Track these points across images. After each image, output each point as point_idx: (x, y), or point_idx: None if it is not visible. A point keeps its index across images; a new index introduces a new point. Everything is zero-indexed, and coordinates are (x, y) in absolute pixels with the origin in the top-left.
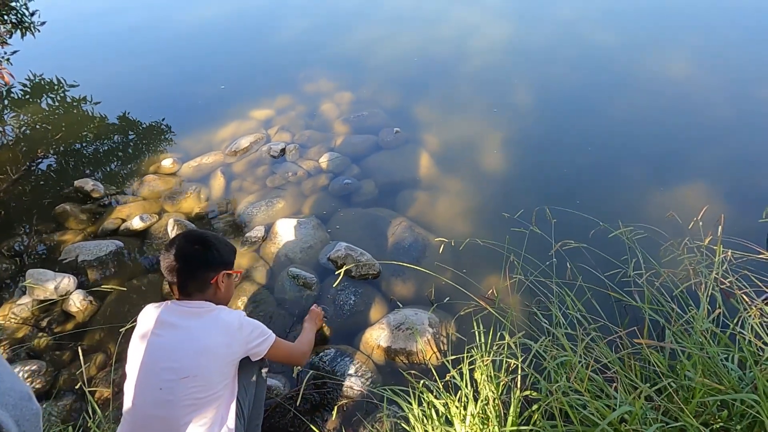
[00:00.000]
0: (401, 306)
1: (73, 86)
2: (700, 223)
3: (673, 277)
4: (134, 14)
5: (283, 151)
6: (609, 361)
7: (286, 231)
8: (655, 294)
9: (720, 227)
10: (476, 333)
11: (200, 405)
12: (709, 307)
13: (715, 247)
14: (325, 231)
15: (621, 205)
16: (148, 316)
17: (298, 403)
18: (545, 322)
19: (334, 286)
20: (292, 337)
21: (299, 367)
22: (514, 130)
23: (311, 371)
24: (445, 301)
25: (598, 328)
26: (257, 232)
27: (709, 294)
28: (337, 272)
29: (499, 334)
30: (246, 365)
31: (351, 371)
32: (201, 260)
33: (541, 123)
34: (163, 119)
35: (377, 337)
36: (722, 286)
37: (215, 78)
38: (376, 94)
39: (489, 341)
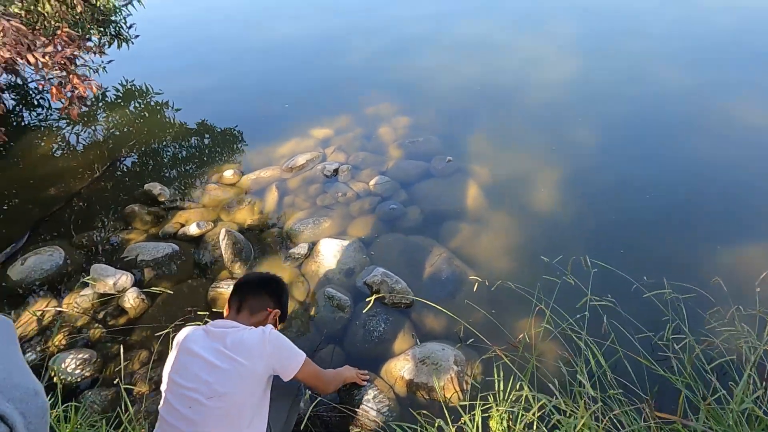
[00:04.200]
0: (429, 340)
1: (158, 93)
2: (758, 289)
3: (719, 346)
4: (216, 29)
5: (336, 171)
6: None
7: (328, 251)
8: (694, 363)
9: None
10: (495, 380)
11: (228, 425)
12: (754, 385)
13: None
14: (366, 254)
15: (670, 261)
16: (183, 337)
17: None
18: (569, 378)
19: (364, 311)
20: (318, 358)
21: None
22: (569, 170)
23: (333, 393)
24: (468, 342)
25: (624, 393)
26: (301, 249)
27: (755, 369)
28: (367, 299)
29: (519, 384)
30: (281, 391)
31: (369, 397)
32: (275, 290)
33: (599, 166)
34: (233, 128)
35: (401, 368)
36: None
37: (282, 95)
38: (433, 121)
39: (508, 390)
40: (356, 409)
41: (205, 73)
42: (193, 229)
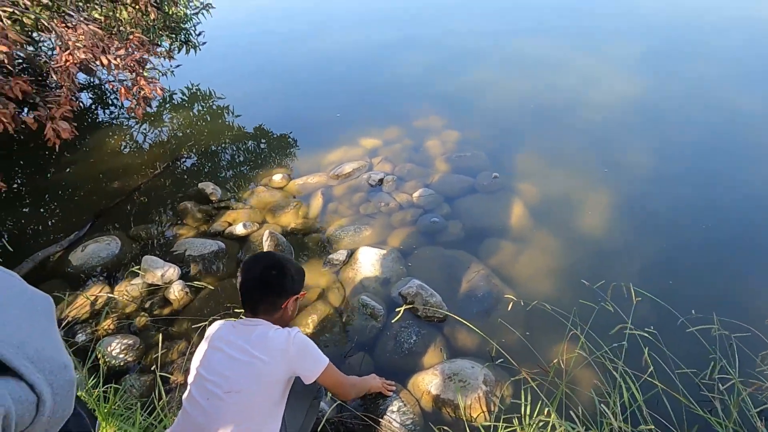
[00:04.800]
0: (459, 356)
1: (220, 98)
2: None
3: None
4: (277, 39)
5: (381, 181)
6: None
7: (366, 259)
8: (740, 406)
9: None
10: (522, 403)
11: (241, 421)
12: None
13: None
14: (404, 265)
15: (722, 296)
16: (213, 330)
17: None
18: (600, 409)
19: (393, 321)
20: (347, 364)
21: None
22: (620, 194)
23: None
24: (498, 361)
25: (658, 431)
26: (340, 255)
27: None
28: (397, 309)
29: (546, 410)
30: (300, 391)
31: (394, 408)
32: (275, 286)
33: (653, 192)
34: (286, 135)
35: (429, 382)
36: None
37: (335, 104)
38: (482, 137)
39: (534, 414)
40: (380, 419)
41: (264, 80)
42: (239, 229)
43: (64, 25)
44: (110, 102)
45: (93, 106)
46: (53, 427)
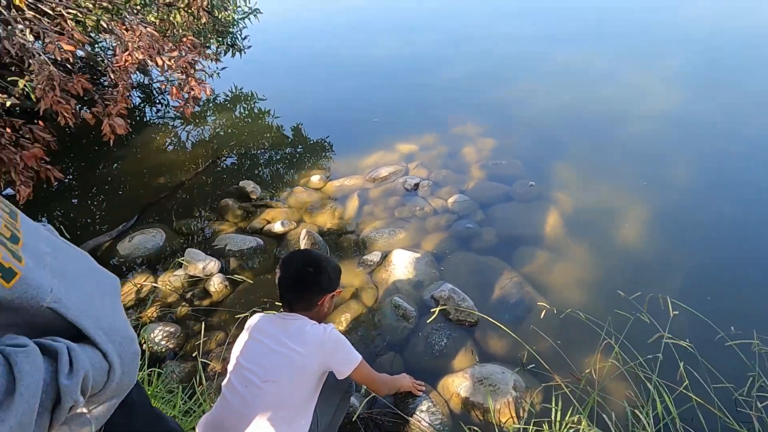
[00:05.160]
0: (489, 361)
1: (261, 100)
2: None
3: None
4: (319, 44)
5: (416, 185)
6: None
7: (400, 261)
8: None
9: None
10: (552, 409)
11: (277, 409)
12: None
13: None
14: (436, 269)
15: (763, 314)
16: (253, 321)
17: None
18: (632, 420)
19: (428, 322)
20: (378, 363)
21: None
22: (660, 207)
23: (385, 398)
24: (529, 367)
25: None
26: (374, 256)
27: None
28: (432, 310)
29: (576, 417)
30: (333, 386)
31: (423, 408)
32: (312, 284)
33: (695, 207)
34: (325, 138)
35: (458, 384)
36: None
37: (374, 109)
38: (519, 145)
39: (565, 421)
40: (409, 417)
41: (305, 83)
42: (277, 227)
43: (123, 27)
44: (157, 101)
45: (141, 105)
46: (120, 394)
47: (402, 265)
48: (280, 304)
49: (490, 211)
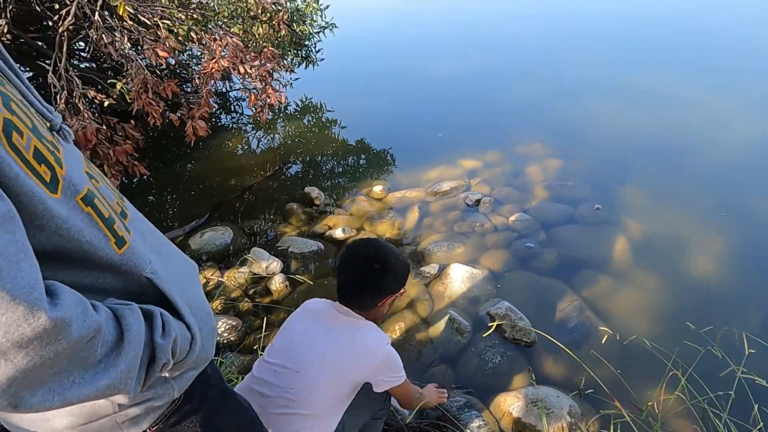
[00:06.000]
0: (544, 384)
1: (329, 111)
2: None
3: None
4: (387, 59)
5: (478, 201)
6: None
7: (457, 275)
8: None
9: None
10: None
11: (304, 402)
12: None
13: None
14: (494, 286)
15: None
16: (307, 306)
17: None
18: None
19: (483, 337)
20: (429, 375)
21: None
22: (739, 240)
23: (437, 410)
24: (587, 392)
25: None
26: (432, 269)
27: None
28: (489, 324)
29: None
30: (367, 398)
31: (475, 425)
32: (375, 283)
33: None
34: (388, 149)
35: (511, 404)
36: None
37: (439, 124)
38: (586, 168)
39: None
40: None
41: (372, 96)
42: (338, 233)
43: (211, 36)
44: (232, 108)
45: (218, 111)
46: (198, 366)
47: (459, 280)
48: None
49: (553, 231)
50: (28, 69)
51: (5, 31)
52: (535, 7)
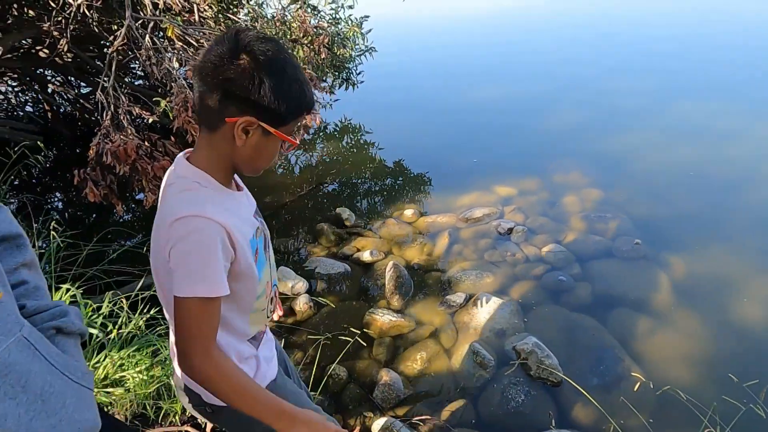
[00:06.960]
0: (568, 428)
1: (368, 132)
2: None
3: None
4: (427, 83)
5: (510, 230)
6: None
7: (484, 306)
8: None
9: None
10: None
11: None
12: None
13: None
14: (521, 320)
15: None
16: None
17: None
18: None
19: (507, 372)
20: (447, 409)
21: None
22: None
23: None
24: None
25: None
26: (458, 297)
27: None
28: (512, 362)
29: None
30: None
31: None
32: (218, 76)
33: None
34: (423, 173)
35: None
36: None
37: (475, 150)
38: (627, 200)
39: None
40: None
41: (410, 119)
42: (366, 256)
43: None
44: None
45: None
46: None
47: (486, 311)
48: (359, 332)
49: (588, 265)
50: (85, 85)
51: (66, 49)
52: (580, 33)
